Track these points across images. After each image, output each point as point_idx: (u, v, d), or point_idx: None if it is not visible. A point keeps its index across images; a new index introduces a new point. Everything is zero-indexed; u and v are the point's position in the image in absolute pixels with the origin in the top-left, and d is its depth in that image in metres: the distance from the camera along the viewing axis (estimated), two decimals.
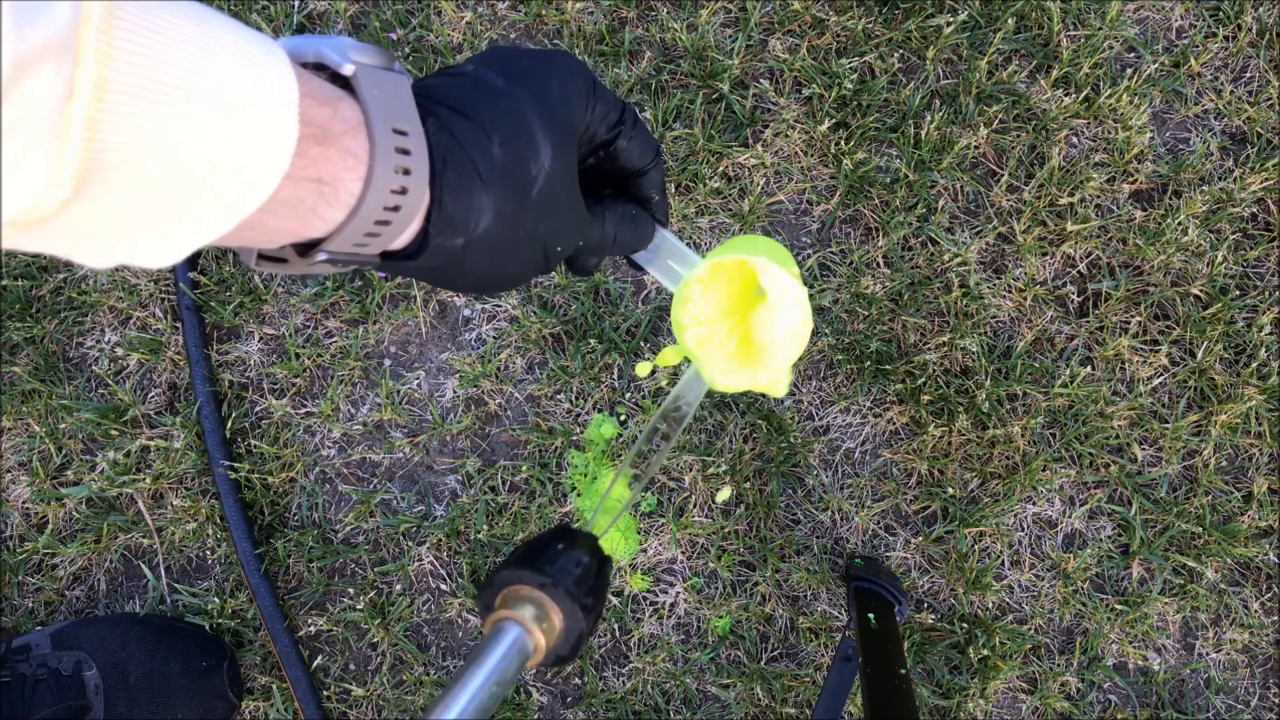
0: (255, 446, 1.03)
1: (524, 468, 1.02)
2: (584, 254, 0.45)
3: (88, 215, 0.26)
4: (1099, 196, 1.03)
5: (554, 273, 1.03)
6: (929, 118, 1.01)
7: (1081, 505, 1.00)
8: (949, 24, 1.02)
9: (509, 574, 0.37)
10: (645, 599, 1.00)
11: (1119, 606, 0.99)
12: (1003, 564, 0.99)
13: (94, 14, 0.23)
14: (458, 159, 0.35)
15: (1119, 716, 0.98)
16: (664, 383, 1.02)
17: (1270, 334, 0.99)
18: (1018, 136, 1.04)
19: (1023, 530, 1.00)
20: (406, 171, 0.33)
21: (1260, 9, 1.05)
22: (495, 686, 0.34)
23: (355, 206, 0.32)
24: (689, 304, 0.48)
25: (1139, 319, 1.01)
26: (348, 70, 0.33)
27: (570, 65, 0.40)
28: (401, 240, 0.35)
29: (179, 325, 1.05)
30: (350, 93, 0.33)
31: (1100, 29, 1.04)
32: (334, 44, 0.33)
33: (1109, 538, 1.00)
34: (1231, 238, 1.01)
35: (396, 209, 0.33)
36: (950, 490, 0.99)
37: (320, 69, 0.33)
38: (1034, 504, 1.00)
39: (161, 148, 0.25)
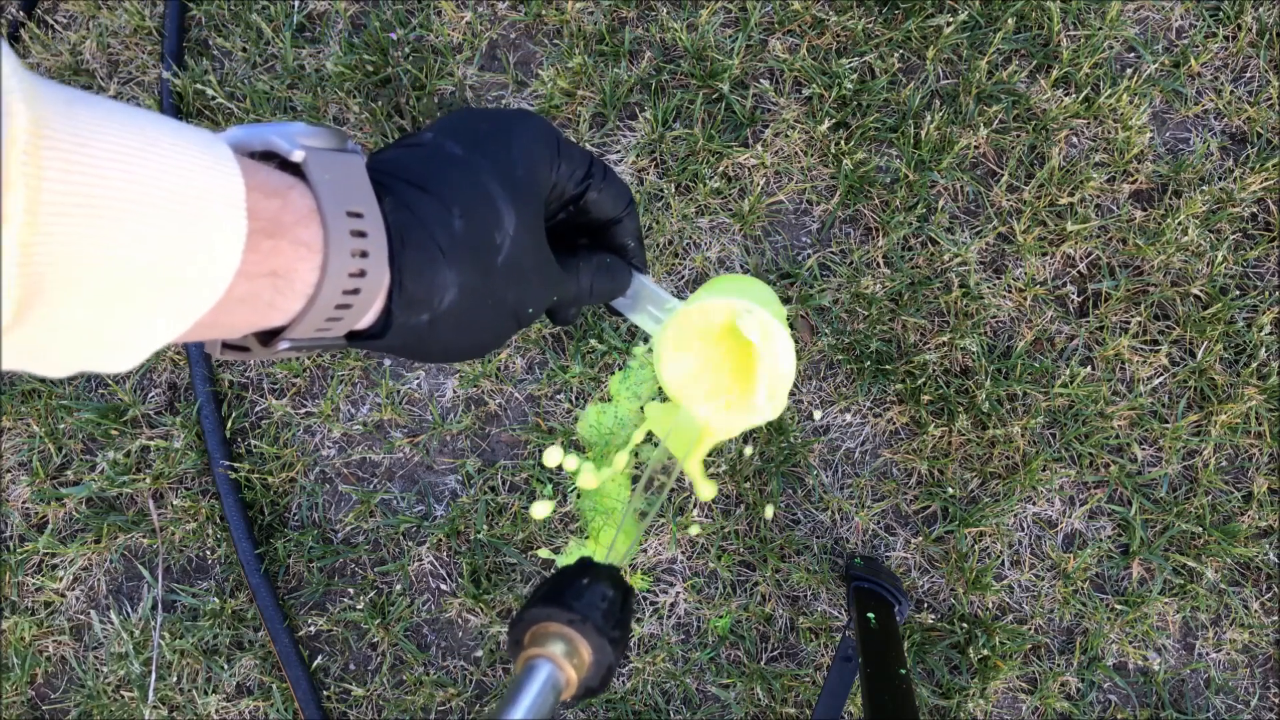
0: (255, 446, 1.03)
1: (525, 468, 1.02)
2: (561, 307, 0.44)
3: (35, 335, 0.25)
4: (1099, 196, 1.03)
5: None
6: (929, 118, 1.01)
7: (1081, 505, 1.00)
8: (949, 24, 1.02)
9: (537, 611, 0.39)
10: (645, 599, 1.00)
11: (1119, 606, 0.99)
12: (1003, 564, 0.99)
13: (20, 138, 0.23)
14: (417, 236, 0.35)
15: (1119, 716, 0.98)
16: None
17: (1270, 334, 0.99)
18: (1018, 136, 1.04)
19: (1023, 530, 1.00)
20: (364, 254, 0.32)
21: (1260, 9, 1.05)
22: None
23: (313, 295, 0.32)
24: (670, 349, 0.48)
25: (1139, 319, 1.01)
26: (297, 156, 0.32)
27: (532, 126, 0.40)
28: (366, 320, 0.35)
29: None
30: (302, 179, 0.32)
31: (1100, 29, 1.04)
32: (282, 131, 0.33)
33: (1109, 538, 1.00)
34: (1231, 238, 1.01)
35: (356, 291, 0.33)
36: (950, 490, 0.99)
37: (270, 157, 0.33)
38: (1034, 504, 1.00)
39: (103, 261, 0.25)
